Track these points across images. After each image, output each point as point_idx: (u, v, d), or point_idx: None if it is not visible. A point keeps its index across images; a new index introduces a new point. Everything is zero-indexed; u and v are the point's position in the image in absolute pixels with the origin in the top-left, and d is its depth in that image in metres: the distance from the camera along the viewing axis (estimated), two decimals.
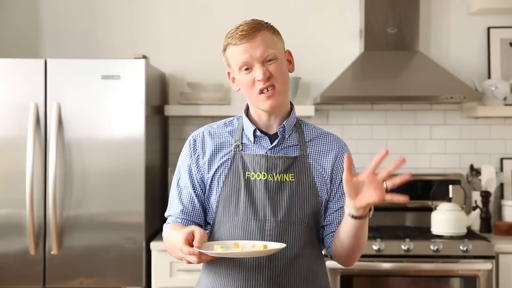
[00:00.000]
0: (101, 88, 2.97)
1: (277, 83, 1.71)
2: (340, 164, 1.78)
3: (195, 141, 1.81)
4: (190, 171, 1.79)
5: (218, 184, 1.76)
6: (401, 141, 3.57)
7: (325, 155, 1.79)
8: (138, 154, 2.98)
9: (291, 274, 1.70)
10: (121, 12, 3.59)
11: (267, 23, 1.76)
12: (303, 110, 3.38)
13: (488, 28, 3.55)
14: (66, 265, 2.96)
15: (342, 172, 1.74)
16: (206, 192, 1.77)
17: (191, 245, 1.55)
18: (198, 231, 1.56)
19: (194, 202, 1.77)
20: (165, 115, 3.47)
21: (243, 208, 1.72)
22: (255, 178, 1.75)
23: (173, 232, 1.72)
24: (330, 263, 2.95)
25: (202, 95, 3.41)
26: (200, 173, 1.77)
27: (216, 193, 1.76)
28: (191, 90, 3.47)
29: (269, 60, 1.71)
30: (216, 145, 1.80)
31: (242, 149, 1.78)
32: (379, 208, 3.53)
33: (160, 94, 3.45)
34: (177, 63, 3.60)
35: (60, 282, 2.97)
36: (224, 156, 1.78)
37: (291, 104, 1.82)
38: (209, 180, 1.76)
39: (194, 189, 1.77)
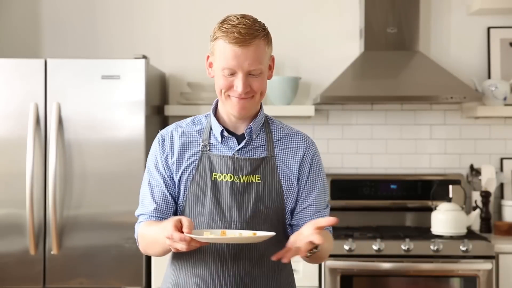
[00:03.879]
0: (101, 88, 2.97)
1: (256, 94, 1.70)
2: (306, 164, 1.78)
3: (164, 140, 1.79)
4: (160, 169, 1.78)
5: (186, 184, 1.76)
6: (401, 141, 3.58)
7: (292, 155, 1.78)
8: (138, 154, 2.98)
9: (256, 275, 1.71)
10: (121, 12, 3.59)
11: (264, 28, 1.72)
12: (303, 110, 3.39)
13: (488, 28, 3.56)
14: (66, 265, 2.96)
15: (308, 172, 1.79)
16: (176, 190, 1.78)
17: (181, 232, 1.54)
18: (185, 219, 1.57)
19: (167, 199, 1.77)
20: (165, 115, 3.47)
21: (209, 209, 1.72)
22: (222, 180, 1.74)
23: (151, 227, 1.72)
24: (329, 263, 2.97)
25: (202, 95, 3.40)
26: (170, 171, 1.77)
27: (184, 193, 1.76)
28: (191, 90, 3.47)
29: (254, 74, 1.68)
30: (184, 144, 1.78)
31: (209, 149, 1.77)
32: (379, 208, 3.54)
33: (160, 94, 3.45)
34: (177, 63, 3.60)
35: (60, 282, 2.97)
36: (192, 156, 1.77)
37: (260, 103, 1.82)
38: (177, 180, 1.76)
39: (166, 186, 1.77)
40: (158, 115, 3.35)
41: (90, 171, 2.97)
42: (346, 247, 2.92)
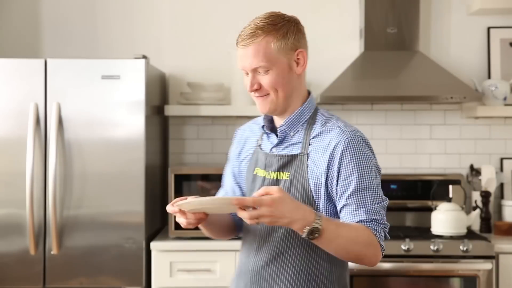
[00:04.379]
0: (101, 88, 2.98)
1: (270, 92, 1.71)
2: (335, 161, 1.68)
3: (237, 135, 1.95)
4: (232, 161, 1.94)
5: (243, 176, 1.90)
6: (401, 141, 3.60)
7: (322, 153, 1.71)
8: (138, 154, 2.99)
9: (273, 269, 1.71)
10: (121, 12, 3.60)
11: (275, 24, 1.71)
12: None
13: (488, 28, 3.57)
14: (66, 265, 2.97)
15: (338, 170, 1.66)
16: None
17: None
18: (191, 197, 1.68)
19: (234, 189, 1.92)
20: (165, 115, 3.47)
21: None
22: (259, 175, 1.81)
23: None
24: None
25: (202, 95, 3.40)
26: (236, 163, 1.93)
27: (242, 185, 1.92)
28: (191, 90, 3.46)
29: (260, 72, 1.70)
30: (247, 139, 1.91)
31: (260, 145, 1.85)
32: None
33: (160, 94, 3.46)
34: (177, 63, 3.60)
35: (60, 282, 2.98)
36: (249, 150, 1.88)
37: (309, 95, 1.79)
38: (238, 171, 1.92)
39: (233, 176, 1.92)
40: (158, 115, 3.36)
41: (90, 171, 2.98)
42: None
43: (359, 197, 1.66)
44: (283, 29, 1.71)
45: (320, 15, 3.57)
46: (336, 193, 1.68)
